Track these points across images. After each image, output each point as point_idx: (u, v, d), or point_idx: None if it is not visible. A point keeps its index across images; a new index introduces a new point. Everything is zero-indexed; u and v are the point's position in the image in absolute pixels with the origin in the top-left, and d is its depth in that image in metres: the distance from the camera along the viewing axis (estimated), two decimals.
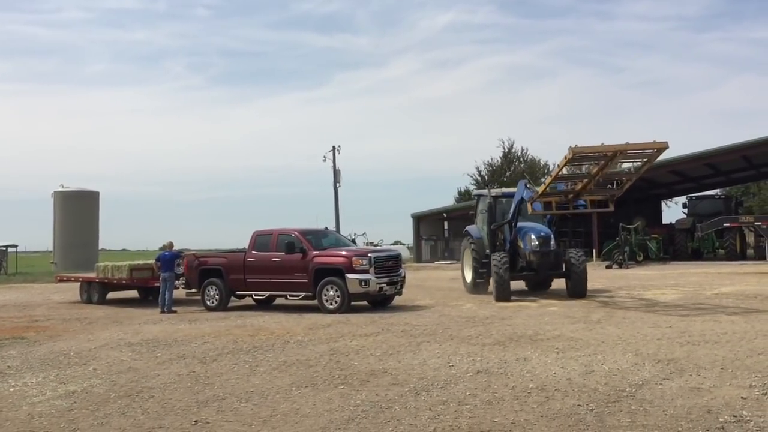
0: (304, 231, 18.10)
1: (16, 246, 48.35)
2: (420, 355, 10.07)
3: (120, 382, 8.82)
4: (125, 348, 11.65)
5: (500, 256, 18.08)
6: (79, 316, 17.45)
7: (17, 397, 8.17)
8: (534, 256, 18.15)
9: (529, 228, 18.42)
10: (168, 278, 18.23)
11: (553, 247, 18.30)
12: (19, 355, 11.08)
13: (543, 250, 18.05)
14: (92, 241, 46.03)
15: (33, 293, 26.96)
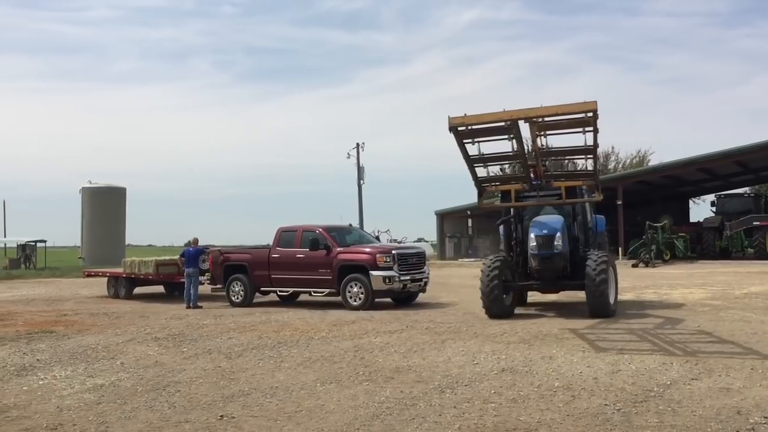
0: (329, 228, 18.14)
1: (45, 241, 49.14)
2: (444, 353, 10.04)
3: (147, 376, 8.91)
4: (152, 343, 11.77)
5: (491, 261, 14.36)
6: (107, 310, 17.67)
7: (46, 390, 8.28)
8: (534, 261, 14.09)
9: (535, 224, 14.22)
10: (192, 274, 18.39)
11: (559, 248, 13.76)
12: (48, 349, 11.24)
13: (542, 253, 13.78)
14: (119, 236, 46.62)
15: (61, 288, 27.35)
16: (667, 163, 44.03)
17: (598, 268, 13.37)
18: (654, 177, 44.07)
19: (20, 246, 47.08)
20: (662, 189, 46.27)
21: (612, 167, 62.68)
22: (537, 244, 13.86)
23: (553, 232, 13.85)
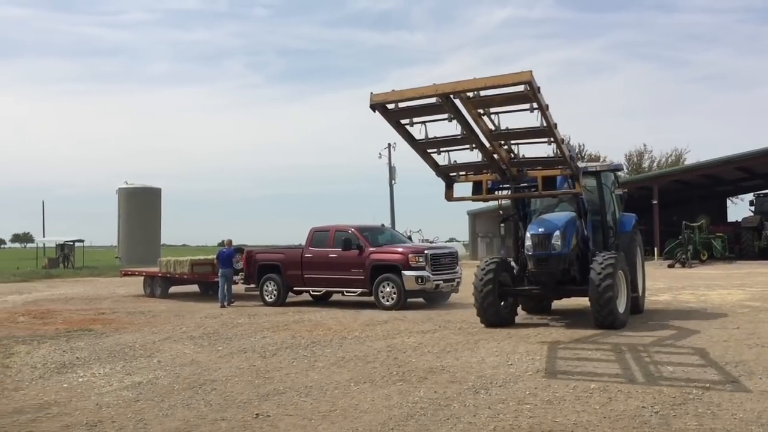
0: (361, 228, 18.18)
1: (82, 241, 50.02)
2: (478, 353, 9.99)
3: (183, 374, 9.03)
4: (188, 341, 11.92)
5: (486, 263, 13.02)
6: (143, 309, 17.94)
7: (86, 387, 8.44)
8: (530, 263, 12.58)
9: (535, 222, 12.86)
10: (227, 274, 18.64)
11: (557, 249, 12.11)
12: (87, 347, 11.45)
13: (538, 254, 12.22)
14: (154, 236, 47.34)
15: (99, 287, 27.84)
16: (703, 162, 43.22)
17: (604, 272, 11.72)
18: (690, 176, 43.35)
19: (59, 246, 48.04)
20: (699, 188, 45.49)
21: (647, 166, 61.80)
22: (532, 244, 12.31)
23: (551, 230, 12.22)
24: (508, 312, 13.12)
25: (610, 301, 11.68)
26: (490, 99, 8.72)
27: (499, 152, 10.25)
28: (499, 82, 8.26)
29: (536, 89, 8.23)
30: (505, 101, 8.82)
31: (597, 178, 13.68)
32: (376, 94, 8.92)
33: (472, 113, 9.07)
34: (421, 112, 9.27)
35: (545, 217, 12.98)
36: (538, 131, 9.51)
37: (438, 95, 8.58)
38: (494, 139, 9.79)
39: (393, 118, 9.40)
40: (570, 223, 12.57)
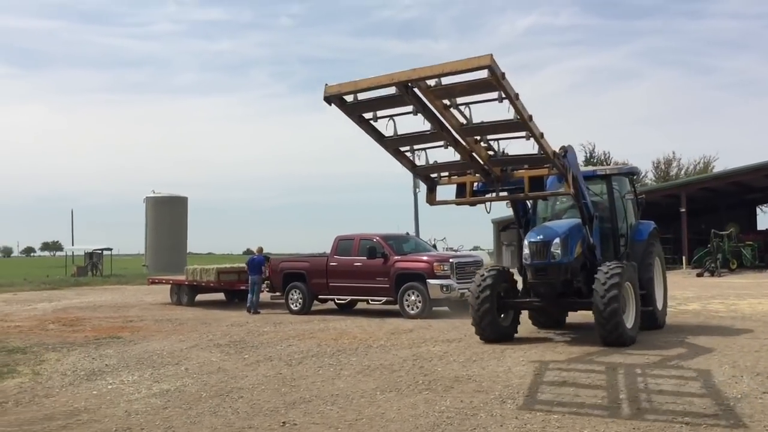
0: (386, 236, 18.21)
1: (110, 249, 50.68)
2: (504, 363, 9.93)
3: (210, 382, 9.09)
4: (214, 349, 12.00)
5: (484, 274, 12.15)
6: (170, 317, 18.10)
7: (115, 394, 8.54)
8: (528, 274, 11.95)
9: (535, 229, 12.11)
10: (255, 281, 18.88)
11: (557, 258, 11.33)
12: (116, 354, 11.58)
13: (536, 263, 11.51)
14: (181, 244, 47.79)
15: (126, 294, 28.16)
16: (733, 170, 42.55)
17: (609, 282, 10.81)
18: (719, 184, 42.70)
19: (87, 254, 48.71)
20: (728, 196, 44.81)
21: (674, 174, 61.06)
22: (530, 252, 11.59)
23: (550, 237, 11.44)
24: (509, 326, 12.28)
25: (615, 315, 10.75)
26: (452, 88, 7.89)
27: (476, 150, 9.26)
28: (458, 68, 7.44)
29: (500, 75, 7.36)
30: (468, 90, 7.93)
31: (607, 183, 12.91)
32: (330, 85, 8.15)
33: (436, 105, 8.21)
34: (382, 104, 8.41)
35: (547, 224, 12.27)
36: (512, 125, 8.51)
37: (394, 84, 7.78)
38: (466, 135, 8.84)
39: (353, 112, 8.56)
40: (573, 230, 11.70)
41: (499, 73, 7.34)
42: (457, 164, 9.79)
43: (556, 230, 11.67)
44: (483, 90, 7.87)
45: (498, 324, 11.95)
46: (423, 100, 8.10)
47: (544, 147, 9.04)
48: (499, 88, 7.62)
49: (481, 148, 9.28)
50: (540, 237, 11.58)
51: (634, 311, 11.58)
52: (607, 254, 12.47)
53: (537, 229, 11.97)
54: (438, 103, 8.18)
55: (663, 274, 13.77)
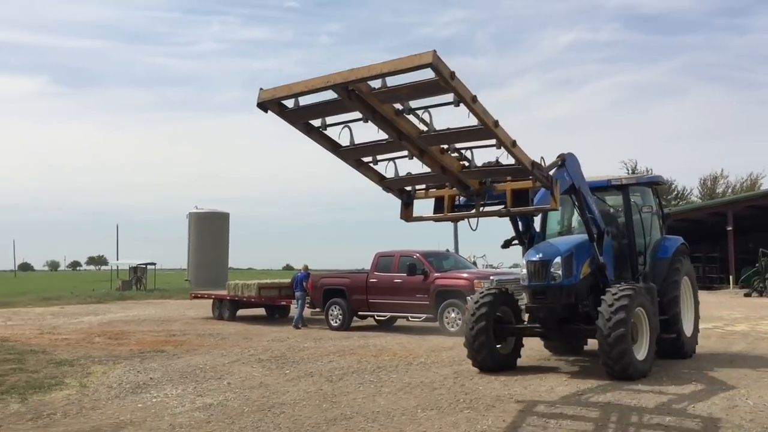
0: (426, 253, 18.20)
1: (154, 264, 51.61)
2: (547, 382, 9.81)
3: (252, 396, 9.17)
4: (256, 364, 12.10)
5: (479, 296, 11.10)
6: (212, 331, 18.32)
7: (159, 407, 8.67)
8: (527, 297, 11.05)
9: (533, 248, 10.97)
10: (299, 297, 19.37)
11: (557, 279, 10.30)
12: (160, 368, 11.76)
13: (533, 285, 10.55)
14: (222, 260, 48.32)
15: (169, 308, 28.59)
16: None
17: (616, 305, 9.61)
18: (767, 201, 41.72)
19: (132, 268, 49.67)
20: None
21: (721, 191, 59.81)
22: (528, 273, 10.57)
23: (550, 256, 10.37)
24: (509, 354, 11.17)
25: (622, 342, 9.47)
26: (396, 90, 6.99)
27: (445, 161, 8.17)
28: (398, 67, 6.55)
29: (447, 75, 6.42)
30: (414, 92, 7.01)
31: (624, 194, 11.60)
32: (265, 90, 7.37)
33: (385, 110, 7.27)
34: (328, 110, 7.57)
35: (550, 241, 11.24)
36: (476, 132, 7.50)
37: (331, 87, 6.94)
38: (428, 143, 7.83)
39: (296, 119, 7.67)
40: (579, 247, 10.55)
41: (446, 72, 6.39)
42: (430, 176, 8.73)
43: (557, 248, 10.60)
44: (432, 92, 6.96)
45: (496, 353, 10.89)
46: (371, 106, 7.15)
47: (517, 157, 7.88)
48: (450, 89, 6.68)
49: (451, 158, 8.23)
50: (539, 256, 10.52)
51: (648, 341, 10.18)
52: (624, 274, 11.30)
53: (537, 247, 10.90)
54: (387, 108, 7.25)
55: (694, 297, 12.40)
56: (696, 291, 12.59)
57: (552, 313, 10.55)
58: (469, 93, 6.75)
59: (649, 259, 11.65)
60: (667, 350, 11.19)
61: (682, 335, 11.52)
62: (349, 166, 8.50)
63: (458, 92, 6.68)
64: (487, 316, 10.72)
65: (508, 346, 11.24)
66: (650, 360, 10.13)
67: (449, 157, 8.19)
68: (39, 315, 25.61)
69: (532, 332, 11.21)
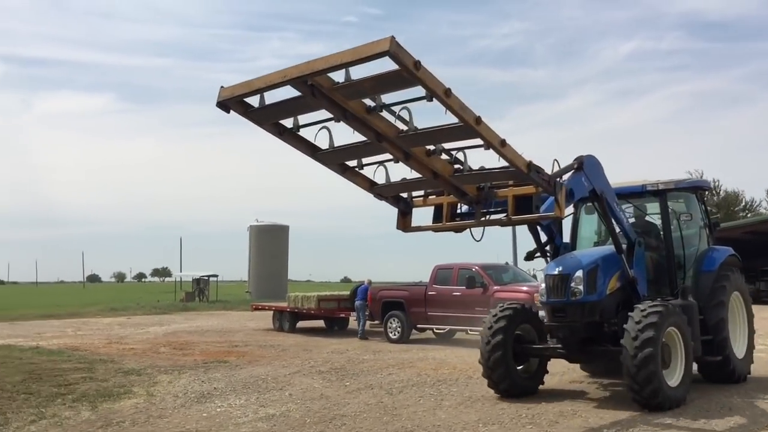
0: (485, 266, 18.06)
1: (216, 276, 52.56)
2: (612, 398, 9.60)
3: (314, 408, 9.25)
4: (316, 376, 12.21)
5: (497, 312, 10.13)
6: (273, 343, 18.57)
7: (224, 417, 8.83)
8: (546, 315, 10.03)
9: (553, 261, 9.98)
10: (359, 307, 19.70)
11: (579, 295, 9.28)
12: (224, 378, 11.99)
13: (552, 302, 9.57)
14: (282, 272, 48.98)
15: (231, 320, 29.10)
16: None
17: (644, 322, 8.53)
18: None
19: (195, 280, 50.74)
20: None
21: None
22: (546, 288, 9.62)
23: (570, 270, 9.38)
24: (530, 377, 10.16)
25: (649, 364, 8.34)
26: (359, 84, 6.28)
27: (434, 164, 7.42)
28: (355, 57, 5.84)
29: (410, 64, 5.70)
30: (378, 85, 6.30)
31: (661, 200, 10.56)
32: (225, 87, 6.81)
33: (354, 108, 6.58)
34: (293, 109, 6.95)
35: (573, 253, 10.21)
36: (456, 130, 6.71)
37: (288, 82, 6.28)
38: (409, 145, 7.10)
39: (262, 119, 7.12)
40: (605, 260, 9.54)
41: (408, 61, 5.67)
42: (422, 182, 8.00)
43: (579, 260, 9.59)
44: (397, 85, 6.21)
45: (515, 375, 9.86)
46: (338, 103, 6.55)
47: (508, 158, 7.09)
48: (416, 81, 5.92)
49: (441, 161, 7.47)
50: (558, 269, 9.51)
51: (683, 365, 9.03)
52: (663, 289, 10.26)
53: (558, 260, 9.85)
54: (355, 106, 6.57)
55: (747, 314, 11.11)
56: (749, 307, 11.29)
57: (573, 333, 9.46)
58: (440, 85, 6.04)
59: (692, 272, 10.55)
60: (715, 374, 10.27)
61: (732, 358, 10.25)
62: (333, 172, 7.90)
63: (426, 84, 5.94)
64: (505, 331, 9.77)
65: (529, 369, 10.21)
66: (685, 387, 8.97)
67: (439, 161, 7.45)
68: (107, 325, 26.44)
69: (554, 353, 10.02)
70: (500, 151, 6.92)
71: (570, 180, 8.40)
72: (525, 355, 10.13)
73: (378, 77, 6.10)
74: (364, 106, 6.59)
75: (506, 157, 7.05)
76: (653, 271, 10.35)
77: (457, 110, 6.25)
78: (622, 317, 9.14)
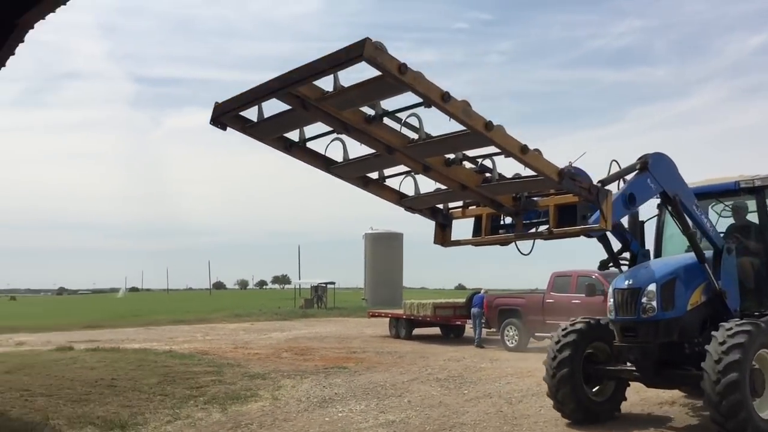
0: (606, 273, 17.48)
1: (333, 283, 53.82)
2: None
3: (433, 415, 9.30)
4: (434, 383, 12.26)
5: (566, 329, 9.22)
6: (390, 349, 18.79)
7: (345, 422, 9.04)
8: (616, 334, 8.69)
9: (624, 273, 8.84)
10: (476, 314, 19.59)
11: (652, 312, 8.12)
12: (344, 384, 12.26)
13: (620, 319, 8.47)
14: (397, 279, 49.42)
15: (348, 326, 29.68)
16: None
17: (729, 342, 7.43)
18: None
19: (313, 287, 52.19)
20: None
21: None
22: (614, 304, 8.52)
23: (642, 283, 8.21)
24: (605, 401, 9.07)
25: (735, 390, 7.23)
26: (344, 93, 5.64)
27: (455, 174, 6.68)
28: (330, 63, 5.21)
29: (394, 68, 5.03)
30: (364, 94, 5.63)
31: (758, 199, 9.08)
32: (220, 102, 6.21)
33: (350, 119, 5.96)
34: (293, 122, 6.34)
35: (648, 263, 8.83)
36: (467, 137, 5.95)
37: (273, 94, 5.77)
38: (421, 155, 6.45)
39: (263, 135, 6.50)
40: (687, 271, 8.37)
41: (391, 65, 5.04)
42: (450, 194, 7.24)
43: (653, 272, 8.37)
44: (386, 92, 5.58)
45: (584, 396, 8.78)
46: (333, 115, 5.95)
47: (532, 165, 6.23)
48: (404, 87, 5.28)
49: (465, 171, 6.72)
50: (627, 282, 8.38)
51: None
52: (765, 302, 8.80)
53: (629, 272, 8.70)
54: (351, 117, 5.95)
55: None
56: None
57: (645, 355, 8.25)
58: (436, 90, 5.33)
59: None
60: None
61: None
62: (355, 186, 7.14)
63: (416, 90, 5.29)
64: (574, 347, 8.80)
65: (604, 392, 9.13)
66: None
67: (462, 170, 6.68)
68: (232, 330, 27.66)
69: (630, 376, 8.81)
70: (521, 158, 6.12)
71: (631, 183, 7.68)
72: (597, 376, 9.05)
73: (362, 85, 5.48)
74: (363, 115, 5.94)
75: (530, 165, 6.24)
76: (753, 279, 8.92)
77: (460, 116, 5.56)
78: (707, 336, 7.94)
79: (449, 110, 5.46)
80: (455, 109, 5.46)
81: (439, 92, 5.32)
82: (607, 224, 6.85)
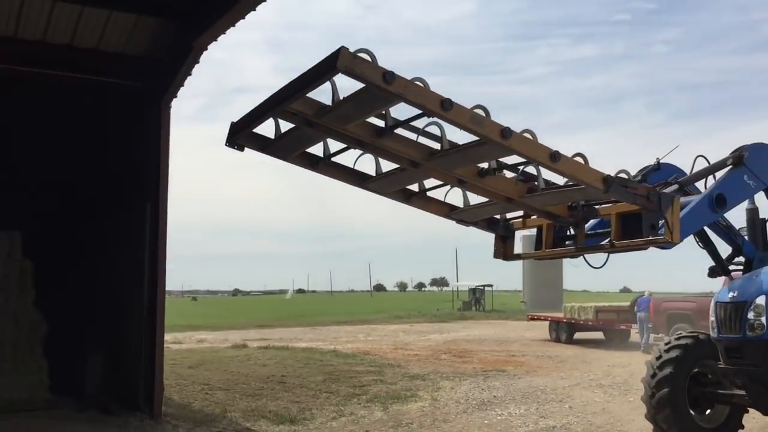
0: None
1: (491, 285, 53.50)
2: None
3: (596, 422, 9.05)
4: (597, 389, 11.90)
5: (669, 344, 7.82)
6: (550, 353, 18.42)
7: (504, 425, 9.02)
8: (720, 354, 7.18)
9: (729, 284, 7.51)
10: (642, 318, 18.96)
11: (762, 330, 6.58)
12: (502, 387, 12.21)
13: (723, 338, 7.05)
14: (557, 281, 48.18)
15: (507, 329, 29.40)
16: None
17: None
18: None
19: (471, 290, 52.19)
20: None
21: None
22: (716, 320, 7.13)
23: (749, 296, 6.77)
24: (719, 428, 7.60)
25: None
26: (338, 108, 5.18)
27: (493, 185, 6.03)
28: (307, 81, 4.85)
29: (377, 78, 4.54)
30: (358, 107, 5.12)
31: None
32: (235, 122, 5.87)
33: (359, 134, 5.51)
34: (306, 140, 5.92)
35: (757, 272, 7.33)
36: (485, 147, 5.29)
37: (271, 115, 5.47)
38: (447, 168, 5.82)
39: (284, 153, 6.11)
40: None
41: (374, 75, 4.54)
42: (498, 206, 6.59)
43: (762, 282, 6.89)
44: (376, 104, 5.06)
45: (689, 422, 7.40)
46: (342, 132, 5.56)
47: (567, 174, 5.57)
48: (393, 97, 4.79)
49: (503, 181, 6.09)
50: (731, 295, 6.99)
51: None
52: None
53: (735, 282, 7.39)
54: (358, 131, 5.48)
55: None
56: None
57: (754, 380, 6.78)
58: (433, 98, 4.82)
59: None
60: None
61: None
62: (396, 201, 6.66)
63: (408, 99, 4.78)
64: (677, 364, 7.45)
65: (715, 418, 7.66)
66: None
67: (501, 180, 6.06)
68: (392, 332, 28.32)
69: (743, 400, 7.21)
70: (552, 167, 5.47)
71: (722, 182, 6.82)
72: (707, 399, 7.63)
73: (354, 97, 5.00)
74: (373, 128, 5.46)
75: (565, 174, 5.60)
76: None
77: (468, 125, 5.00)
78: None
79: (452, 119, 4.98)
80: (460, 118, 4.96)
81: (437, 100, 4.82)
82: (673, 236, 5.99)
